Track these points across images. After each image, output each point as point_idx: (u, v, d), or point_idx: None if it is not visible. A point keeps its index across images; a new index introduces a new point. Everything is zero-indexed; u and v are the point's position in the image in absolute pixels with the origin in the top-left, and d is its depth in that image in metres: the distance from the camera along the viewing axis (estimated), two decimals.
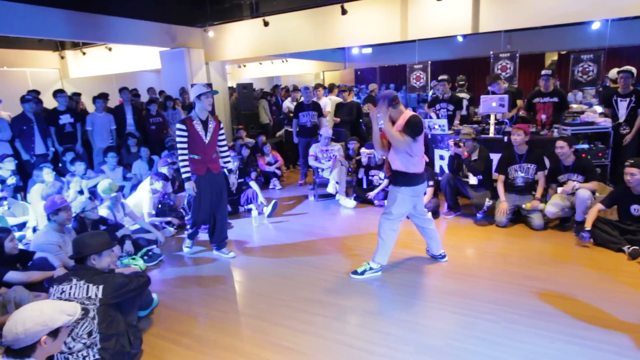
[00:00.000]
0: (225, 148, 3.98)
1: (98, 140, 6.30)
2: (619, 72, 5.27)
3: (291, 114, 7.41)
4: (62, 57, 10.02)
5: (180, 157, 3.72)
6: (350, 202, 5.47)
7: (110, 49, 9.24)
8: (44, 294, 2.81)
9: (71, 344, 2.19)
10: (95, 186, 5.08)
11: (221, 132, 3.88)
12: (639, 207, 3.69)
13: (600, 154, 5.08)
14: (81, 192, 4.74)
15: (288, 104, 8.06)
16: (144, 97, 8.69)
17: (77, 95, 7.51)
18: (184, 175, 3.76)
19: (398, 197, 3.32)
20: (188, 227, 4.20)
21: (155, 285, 3.44)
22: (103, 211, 4.15)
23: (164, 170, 5.25)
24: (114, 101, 7.99)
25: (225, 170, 4.04)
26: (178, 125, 3.66)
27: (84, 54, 9.69)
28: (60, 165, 5.83)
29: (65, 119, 5.95)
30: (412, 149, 3.20)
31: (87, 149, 6.36)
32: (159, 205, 4.91)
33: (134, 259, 3.77)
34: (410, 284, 3.31)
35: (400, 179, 3.30)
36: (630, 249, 3.52)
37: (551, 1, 5.45)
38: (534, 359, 2.36)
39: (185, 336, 2.78)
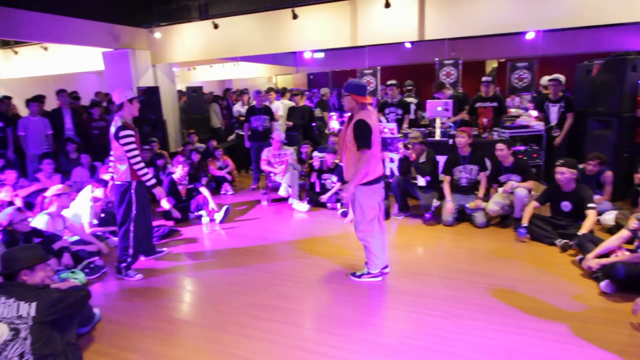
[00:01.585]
0: None
1: (32, 146, 5.86)
2: (549, 80, 5.70)
3: (242, 118, 7.30)
4: None
5: (139, 165, 3.47)
6: (304, 206, 5.47)
7: (46, 49, 8.62)
8: None
9: None
10: (28, 196, 4.71)
11: None
12: (568, 204, 3.99)
13: (534, 155, 5.46)
14: (12, 203, 4.37)
15: (238, 108, 7.95)
16: (86, 100, 8.21)
17: (7, 98, 6.94)
18: (151, 182, 3.56)
19: (356, 200, 3.24)
20: (131, 251, 3.60)
21: (97, 299, 3.24)
22: (42, 218, 3.85)
23: (107, 177, 4.96)
24: (51, 104, 7.47)
25: None
26: (125, 132, 3.41)
27: (16, 53, 8.97)
28: None
29: None
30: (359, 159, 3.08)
31: (19, 156, 5.89)
32: (102, 214, 4.65)
33: (73, 272, 3.52)
34: (362, 285, 3.36)
35: None
36: (562, 242, 3.80)
37: (490, 12, 5.79)
38: (479, 350, 2.47)
39: (131, 351, 2.64)
